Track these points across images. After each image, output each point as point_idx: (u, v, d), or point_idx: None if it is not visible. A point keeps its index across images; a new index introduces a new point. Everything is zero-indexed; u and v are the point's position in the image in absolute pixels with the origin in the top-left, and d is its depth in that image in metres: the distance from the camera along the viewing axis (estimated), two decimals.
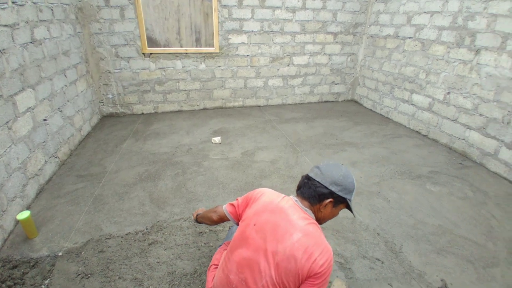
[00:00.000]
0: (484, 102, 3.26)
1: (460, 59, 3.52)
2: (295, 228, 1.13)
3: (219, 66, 4.69)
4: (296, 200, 1.25)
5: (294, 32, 4.84)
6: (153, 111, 4.72)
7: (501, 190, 2.84)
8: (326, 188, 1.21)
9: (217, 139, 3.62)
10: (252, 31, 4.61)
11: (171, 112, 4.77)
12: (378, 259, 1.96)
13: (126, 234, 2.13)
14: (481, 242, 2.15)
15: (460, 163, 3.32)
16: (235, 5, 4.39)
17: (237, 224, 1.39)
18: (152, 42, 4.35)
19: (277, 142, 3.74)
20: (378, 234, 2.19)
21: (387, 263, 1.93)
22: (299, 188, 1.30)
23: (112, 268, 1.83)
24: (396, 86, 4.58)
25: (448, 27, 3.63)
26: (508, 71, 2.98)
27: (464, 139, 3.53)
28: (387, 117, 4.79)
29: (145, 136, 3.81)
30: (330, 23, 4.95)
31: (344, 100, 5.70)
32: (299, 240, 1.10)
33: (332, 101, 5.60)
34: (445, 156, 3.49)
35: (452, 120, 3.67)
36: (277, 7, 4.59)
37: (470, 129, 3.45)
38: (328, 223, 2.27)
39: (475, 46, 3.33)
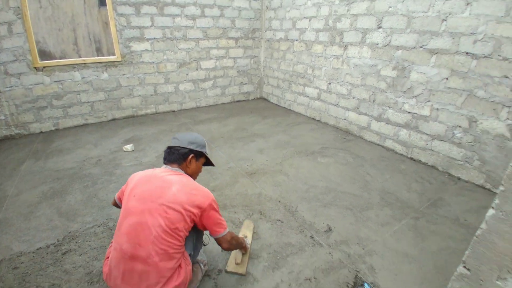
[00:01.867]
0: (355, 87, 4.09)
1: (334, 55, 4.32)
2: (171, 183, 1.42)
3: (123, 75, 4.63)
4: (166, 167, 1.56)
5: (198, 38, 5.11)
6: (53, 128, 4.36)
7: (375, 154, 3.62)
8: (185, 148, 1.58)
9: (129, 147, 3.61)
10: (155, 38, 4.70)
11: (75, 126, 4.49)
12: (279, 220, 2.35)
13: (37, 249, 2.06)
14: (358, 193, 2.76)
15: (344, 138, 4.09)
16: (133, 14, 4.42)
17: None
18: (45, 55, 4.06)
19: None
20: (279, 201, 2.60)
21: (285, 221, 2.34)
22: (165, 158, 1.62)
23: (28, 280, 1.80)
24: (292, 82, 5.27)
25: (323, 29, 4.41)
26: (369, 60, 3.82)
27: (345, 119, 4.33)
28: (289, 109, 5.47)
29: (46, 155, 3.54)
30: (230, 29, 5.39)
31: (254, 98, 6.23)
32: (178, 190, 1.39)
33: (243, 100, 6.07)
34: (333, 134, 4.23)
35: (335, 105, 4.46)
36: (177, 15, 4.79)
37: (348, 110, 4.26)
38: (238, 200, 2.59)
39: (343, 42, 4.14)
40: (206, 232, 1.72)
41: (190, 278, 1.54)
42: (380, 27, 3.59)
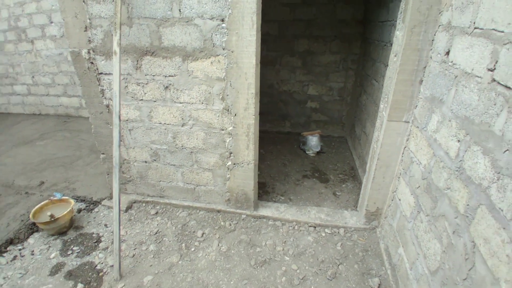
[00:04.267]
0: (55, 75, 4.66)
1: (26, 50, 4.60)
2: None
3: None
4: None
5: None
6: None
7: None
8: None
9: None
10: None
11: None
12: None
13: None
14: (71, 154, 3.58)
15: (65, 121, 4.71)
16: None
17: None
18: None
19: None
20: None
21: (4, 193, 2.84)
22: None
23: None
24: None
25: (9, 29, 4.50)
26: (55, 50, 4.44)
27: (61, 105, 4.90)
28: (7, 113, 5.25)
29: None
30: None
31: None
32: None
33: None
34: (54, 121, 4.73)
35: (46, 95, 4.88)
36: None
37: (59, 96, 4.83)
38: None
39: (29, 38, 4.48)
40: None
41: None
42: (52, 22, 4.27)
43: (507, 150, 0.98)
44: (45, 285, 1.87)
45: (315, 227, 2.34)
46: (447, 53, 1.44)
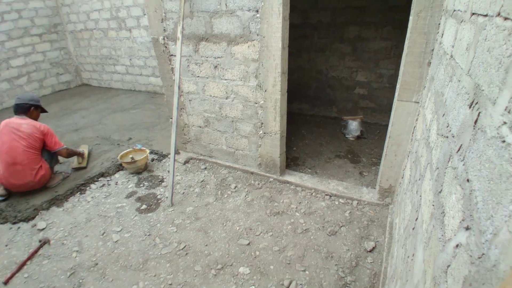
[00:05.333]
0: (147, 58, 5.77)
1: (125, 37, 5.82)
2: (21, 122, 2.74)
3: None
4: (17, 116, 2.82)
5: (1, 41, 5.49)
6: None
7: None
8: (27, 103, 2.86)
9: None
10: None
11: None
12: (98, 143, 3.88)
13: None
14: (153, 121, 4.54)
15: (152, 97, 5.82)
16: None
17: None
18: None
19: None
20: (97, 136, 4.10)
21: (102, 143, 3.89)
22: (15, 111, 2.85)
23: None
24: (104, 64, 6.48)
25: (111, 18, 5.77)
26: (147, 37, 5.51)
27: (149, 84, 6.04)
28: (110, 87, 6.71)
29: None
30: (31, 28, 5.95)
31: (76, 85, 7.05)
32: (27, 125, 2.73)
33: (65, 89, 6.80)
34: (144, 96, 5.89)
35: (140, 75, 6.07)
36: None
37: (149, 76, 5.96)
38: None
39: (128, 27, 5.66)
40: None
41: (50, 174, 2.92)
42: (145, 14, 5.31)
43: (444, 114, 1.18)
44: (121, 203, 2.68)
45: (330, 196, 2.62)
46: (442, 35, 1.57)
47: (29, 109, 2.88)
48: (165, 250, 2.12)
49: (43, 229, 2.41)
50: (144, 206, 2.62)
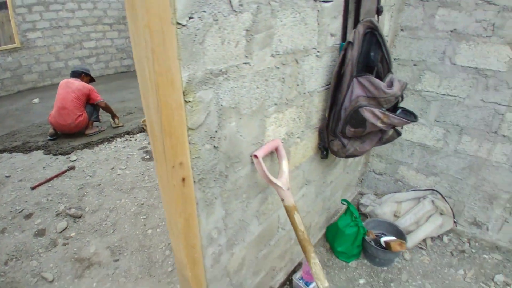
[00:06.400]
0: None
1: None
2: (74, 82, 3.70)
3: (23, 57, 6.16)
4: (72, 78, 3.76)
5: (78, 25, 6.86)
6: None
7: None
8: (79, 71, 3.83)
9: (36, 100, 5.41)
10: (44, 28, 6.31)
11: None
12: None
13: None
14: None
15: None
16: (26, 12, 5.96)
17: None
18: None
19: None
20: (132, 113, 4.95)
21: (140, 114, 4.71)
22: (72, 75, 3.79)
23: None
24: None
25: None
26: None
27: None
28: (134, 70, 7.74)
29: None
30: (104, 17, 7.26)
31: (134, 70, 8.25)
32: (78, 84, 3.68)
33: (126, 71, 8.05)
34: None
35: None
36: (59, 10, 6.46)
37: None
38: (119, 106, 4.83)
39: None
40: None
41: (86, 122, 3.80)
42: None
43: None
44: (132, 152, 3.38)
45: None
46: None
47: (81, 74, 3.87)
48: (148, 184, 2.70)
49: (74, 160, 3.21)
50: (147, 156, 3.26)
